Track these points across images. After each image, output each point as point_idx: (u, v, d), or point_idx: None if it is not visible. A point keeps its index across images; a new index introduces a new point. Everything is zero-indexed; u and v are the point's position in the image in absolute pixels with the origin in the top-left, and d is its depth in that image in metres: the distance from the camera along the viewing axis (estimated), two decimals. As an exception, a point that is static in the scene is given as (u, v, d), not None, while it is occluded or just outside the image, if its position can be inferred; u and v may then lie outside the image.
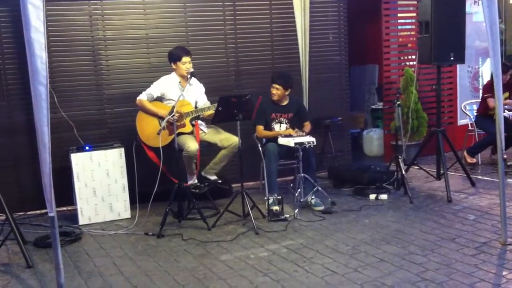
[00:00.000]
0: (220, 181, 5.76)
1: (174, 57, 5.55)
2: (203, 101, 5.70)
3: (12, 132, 5.81)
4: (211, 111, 5.39)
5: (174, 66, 5.58)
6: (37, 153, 3.39)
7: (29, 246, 4.77)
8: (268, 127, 5.85)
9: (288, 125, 5.86)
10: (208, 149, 5.71)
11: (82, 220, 5.44)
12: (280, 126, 5.85)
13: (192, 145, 5.33)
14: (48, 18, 3.11)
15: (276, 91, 5.75)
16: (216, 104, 5.15)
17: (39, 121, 3.32)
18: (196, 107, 5.65)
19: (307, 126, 5.92)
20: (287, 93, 5.80)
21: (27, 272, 4.26)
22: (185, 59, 5.51)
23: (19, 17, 3.33)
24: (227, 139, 5.55)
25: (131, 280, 4.02)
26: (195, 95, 5.68)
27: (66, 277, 3.60)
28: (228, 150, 5.55)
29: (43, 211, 5.66)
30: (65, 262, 4.29)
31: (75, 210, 5.53)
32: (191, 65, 5.52)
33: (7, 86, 5.68)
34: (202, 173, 5.69)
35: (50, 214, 3.39)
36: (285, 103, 5.88)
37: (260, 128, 5.83)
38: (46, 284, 4.02)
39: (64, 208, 5.79)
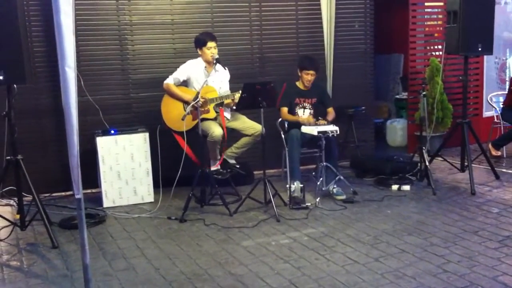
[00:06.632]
0: (238, 166, 5.77)
1: (200, 42, 5.58)
2: (225, 89, 5.71)
3: (39, 114, 5.90)
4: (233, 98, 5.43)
5: (200, 52, 5.61)
6: (64, 135, 3.42)
7: (55, 227, 4.86)
8: (292, 112, 5.86)
9: (311, 111, 5.85)
10: (231, 135, 5.72)
11: (106, 203, 5.53)
12: (303, 112, 5.85)
13: (216, 130, 5.37)
14: (76, 2, 3.13)
15: (312, 77, 5.78)
16: (240, 91, 5.17)
17: (67, 103, 3.33)
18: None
19: (331, 112, 5.90)
20: None
21: (52, 252, 4.36)
22: (210, 44, 5.52)
23: (48, 1, 3.36)
24: (252, 127, 5.58)
25: (153, 263, 4.09)
26: (220, 81, 5.70)
27: (90, 258, 3.63)
28: (252, 138, 5.60)
29: (68, 193, 5.78)
30: (90, 243, 4.32)
31: (99, 192, 5.62)
32: (216, 50, 5.53)
33: (35, 69, 5.76)
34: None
35: (77, 196, 3.42)
36: (309, 88, 5.87)
37: (285, 110, 5.83)
38: (70, 264, 4.12)
39: (89, 191, 5.87)
